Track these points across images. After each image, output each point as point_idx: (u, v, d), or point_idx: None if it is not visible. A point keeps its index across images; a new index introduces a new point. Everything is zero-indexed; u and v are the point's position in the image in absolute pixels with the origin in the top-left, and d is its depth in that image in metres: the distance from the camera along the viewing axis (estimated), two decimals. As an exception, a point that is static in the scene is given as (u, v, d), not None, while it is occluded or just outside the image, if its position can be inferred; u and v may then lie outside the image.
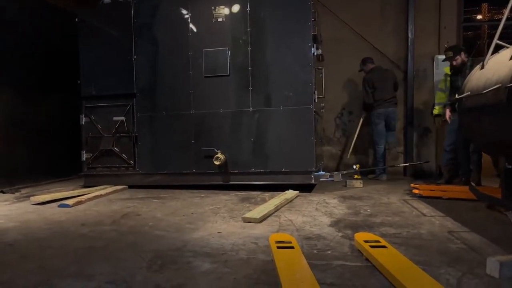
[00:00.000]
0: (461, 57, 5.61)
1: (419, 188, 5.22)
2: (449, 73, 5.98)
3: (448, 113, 5.75)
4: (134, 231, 3.64)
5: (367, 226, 3.65)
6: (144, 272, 2.59)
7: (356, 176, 6.40)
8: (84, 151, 6.31)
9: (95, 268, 2.66)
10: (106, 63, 6.15)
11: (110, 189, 5.86)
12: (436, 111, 6.42)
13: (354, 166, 6.49)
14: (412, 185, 5.59)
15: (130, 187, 6.13)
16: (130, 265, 2.71)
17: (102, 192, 5.61)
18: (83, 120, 6.31)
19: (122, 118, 6.12)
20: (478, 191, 4.49)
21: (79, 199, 5.05)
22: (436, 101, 6.47)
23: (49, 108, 7.05)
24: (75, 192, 5.61)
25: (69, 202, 4.88)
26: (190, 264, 2.71)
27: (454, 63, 5.66)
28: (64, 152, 7.16)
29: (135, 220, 4.09)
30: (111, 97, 6.16)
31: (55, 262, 2.83)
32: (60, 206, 4.79)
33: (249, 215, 3.96)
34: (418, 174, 7.35)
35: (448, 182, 5.97)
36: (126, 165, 6.16)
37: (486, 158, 5.74)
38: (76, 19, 6.23)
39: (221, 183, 5.84)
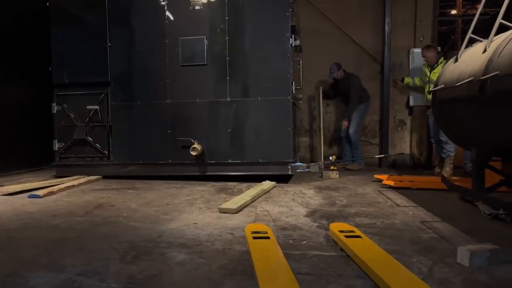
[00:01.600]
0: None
1: (385, 179, 5.33)
2: (426, 68, 6.44)
3: None
4: (108, 222, 3.57)
5: (343, 217, 3.69)
6: (118, 263, 2.54)
7: (332, 167, 6.47)
8: (56, 141, 6.14)
9: (66, 260, 2.59)
10: (79, 50, 5.96)
11: (83, 179, 5.73)
12: (407, 80, 7.08)
13: (330, 157, 6.56)
14: (376, 176, 5.71)
15: (105, 177, 6.01)
16: (103, 256, 2.66)
17: (75, 182, 5.48)
18: (55, 108, 6.13)
19: (96, 107, 5.97)
20: (449, 182, 4.61)
21: (51, 190, 4.92)
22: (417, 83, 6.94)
23: (18, 95, 6.81)
24: (47, 183, 5.46)
25: (40, 192, 4.75)
26: (164, 255, 2.67)
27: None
28: (35, 141, 6.95)
29: (109, 211, 4.01)
30: (85, 85, 6.00)
31: (25, 253, 2.75)
32: (30, 196, 4.66)
33: (225, 205, 3.95)
34: (392, 165, 7.51)
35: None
36: (100, 155, 6.04)
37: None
38: (47, 3, 6.00)
39: (197, 173, 5.79)
